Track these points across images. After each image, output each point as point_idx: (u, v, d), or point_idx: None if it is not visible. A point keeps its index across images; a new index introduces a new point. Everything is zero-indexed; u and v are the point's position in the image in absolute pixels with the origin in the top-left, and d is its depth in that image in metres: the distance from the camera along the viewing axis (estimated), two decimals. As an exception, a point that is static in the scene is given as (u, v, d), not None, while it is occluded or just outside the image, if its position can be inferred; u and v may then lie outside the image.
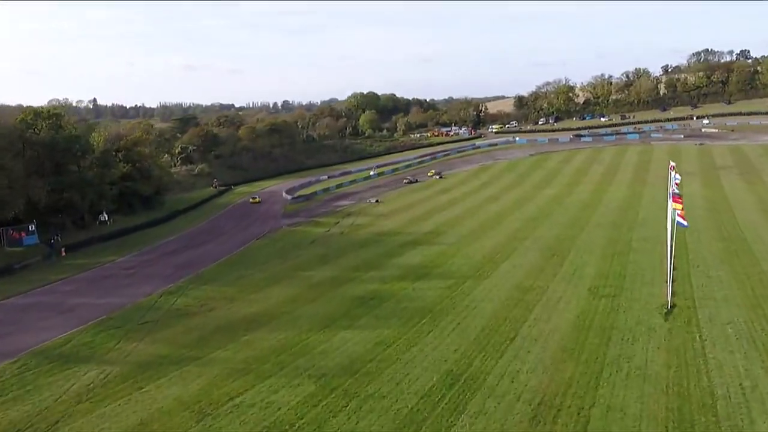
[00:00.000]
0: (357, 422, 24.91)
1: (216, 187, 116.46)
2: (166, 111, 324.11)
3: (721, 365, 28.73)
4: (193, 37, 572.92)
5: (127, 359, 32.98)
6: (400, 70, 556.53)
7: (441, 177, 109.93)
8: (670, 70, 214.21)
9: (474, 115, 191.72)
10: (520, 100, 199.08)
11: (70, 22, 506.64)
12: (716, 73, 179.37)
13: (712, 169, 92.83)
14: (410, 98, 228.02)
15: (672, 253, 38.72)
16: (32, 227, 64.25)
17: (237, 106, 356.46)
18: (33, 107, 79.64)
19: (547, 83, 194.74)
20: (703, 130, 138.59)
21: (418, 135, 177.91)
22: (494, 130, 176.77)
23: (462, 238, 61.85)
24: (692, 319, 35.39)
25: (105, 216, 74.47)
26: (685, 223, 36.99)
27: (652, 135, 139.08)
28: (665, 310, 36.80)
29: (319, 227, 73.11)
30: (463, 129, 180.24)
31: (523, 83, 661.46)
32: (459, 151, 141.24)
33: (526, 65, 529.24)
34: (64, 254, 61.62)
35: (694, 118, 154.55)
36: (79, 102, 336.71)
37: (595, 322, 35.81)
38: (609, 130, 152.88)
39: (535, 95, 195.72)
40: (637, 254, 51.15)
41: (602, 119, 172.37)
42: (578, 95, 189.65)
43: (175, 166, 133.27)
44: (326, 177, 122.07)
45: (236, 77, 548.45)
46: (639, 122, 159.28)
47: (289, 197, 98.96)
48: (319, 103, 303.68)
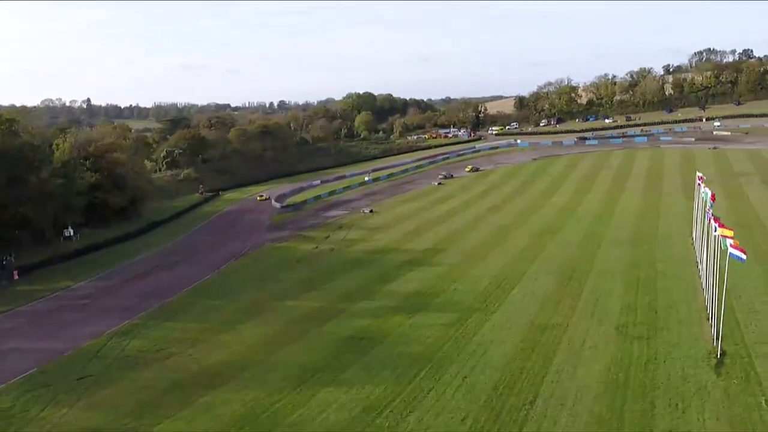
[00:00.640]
0: None
1: (202, 193, 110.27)
2: (160, 111, 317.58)
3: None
4: (191, 36, 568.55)
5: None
6: (398, 70, 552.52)
7: (478, 171, 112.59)
8: (672, 70, 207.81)
9: (473, 117, 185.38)
10: (520, 101, 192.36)
11: (65, 22, 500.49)
12: (725, 72, 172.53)
13: (732, 177, 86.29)
14: (407, 98, 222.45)
15: (721, 292, 31.96)
16: (-20, 246, 56.86)
17: (233, 106, 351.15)
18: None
19: (549, 83, 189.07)
20: (714, 132, 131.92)
21: (416, 137, 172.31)
22: (494, 132, 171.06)
23: (464, 258, 55.54)
24: (750, 373, 29.01)
25: (70, 231, 67.03)
26: (743, 256, 30.42)
27: (661, 138, 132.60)
28: (715, 360, 30.47)
29: (307, 243, 66.44)
30: (462, 131, 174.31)
31: (521, 83, 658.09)
32: (459, 155, 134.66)
33: (523, 64, 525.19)
34: (16, 277, 54.42)
35: (704, 120, 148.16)
36: (73, 102, 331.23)
37: (631, 377, 29.44)
38: (615, 132, 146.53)
39: (537, 95, 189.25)
40: (666, 280, 44.90)
41: (606, 121, 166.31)
42: (581, 96, 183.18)
43: (159, 171, 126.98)
44: (319, 182, 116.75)
45: (233, 77, 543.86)
46: (645, 124, 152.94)
47: (278, 205, 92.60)
48: (315, 103, 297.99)
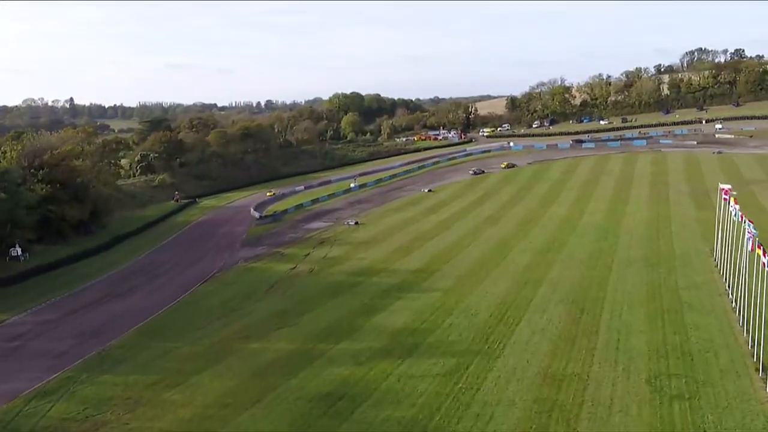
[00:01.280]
0: None
1: (177, 200, 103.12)
2: (145, 111, 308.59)
3: None
4: (178, 36, 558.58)
5: None
6: (387, 69, 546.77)
7: (512, 167, 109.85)
8: (663, 70, 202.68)
9: (464, 118, 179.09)
10: (512, 101, 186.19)
11: (54, 22, 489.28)
12: (723, 72, 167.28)
13: (743, 184, 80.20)
14: (395, 98, 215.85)
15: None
16: None
17: (220, 105, 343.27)
18: None
19: (542, 83, 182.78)
20: (716, 135, 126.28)
21: (404, 139, 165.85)
22: (486, 134, 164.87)
23: (459, 281, 49.20)
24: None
25: (18, 250, 59.37)
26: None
27: (660, 141, 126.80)
28: (778, 433, 24.39)
29: (284, 263, 59.51)
30: (452, 133, 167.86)
31: (513, 82, 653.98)
32: (450, 158, 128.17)
33: (514, 64, 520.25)
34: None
35: (703, 122, 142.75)
36: (55, 101, 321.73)
37: (679, 461, 23.24)
38: (611, 135, 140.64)
39: (529, 96, 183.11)
40: (694, 313, 38.92)
41: (601, 122, 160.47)
42: (575, 96, 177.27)
43: (133, 176, 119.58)
44: (303, 187, 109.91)
45: (221, 77, 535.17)
46: (642, 126, 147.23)
47: (256, 215, 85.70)
48: (303, 102, 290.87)
